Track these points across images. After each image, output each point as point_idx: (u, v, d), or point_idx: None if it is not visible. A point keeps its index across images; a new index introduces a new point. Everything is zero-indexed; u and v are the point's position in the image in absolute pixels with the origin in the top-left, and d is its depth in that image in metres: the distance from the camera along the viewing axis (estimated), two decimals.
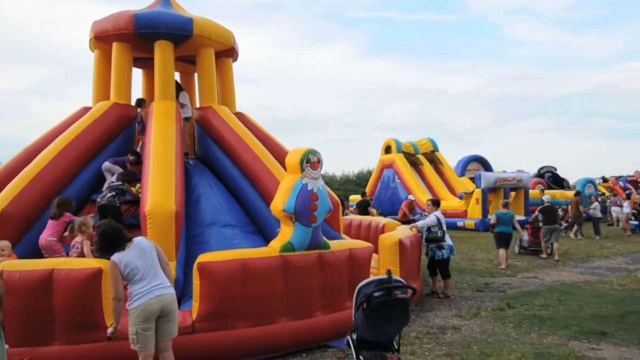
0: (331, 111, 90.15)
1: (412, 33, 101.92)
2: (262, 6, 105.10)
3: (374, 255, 6.78)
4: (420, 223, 8.16)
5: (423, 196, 20.50)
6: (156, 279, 3.99)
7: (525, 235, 12.74)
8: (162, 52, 7.79)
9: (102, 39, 8.02)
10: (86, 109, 8.11)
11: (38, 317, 4.61)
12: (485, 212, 19.02)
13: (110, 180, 7.01)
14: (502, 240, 10.78)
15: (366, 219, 10.17)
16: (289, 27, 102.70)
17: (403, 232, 7.56)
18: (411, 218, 14.89)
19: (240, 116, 8.58)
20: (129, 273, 3.93)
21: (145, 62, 8.75)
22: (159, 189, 6.09)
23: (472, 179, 22.16)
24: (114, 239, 4.00)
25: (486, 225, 18.17)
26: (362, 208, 15.66)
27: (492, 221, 11.05)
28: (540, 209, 12.53)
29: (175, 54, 8.02)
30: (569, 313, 6.69)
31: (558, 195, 22.26)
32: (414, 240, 7.45)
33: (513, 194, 19.47)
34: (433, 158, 23.97)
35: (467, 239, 16.38)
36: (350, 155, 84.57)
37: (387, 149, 23.76)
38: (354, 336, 4.00)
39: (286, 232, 5.46)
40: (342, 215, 9.49)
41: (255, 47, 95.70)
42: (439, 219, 7.90)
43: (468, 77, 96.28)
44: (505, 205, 11.28)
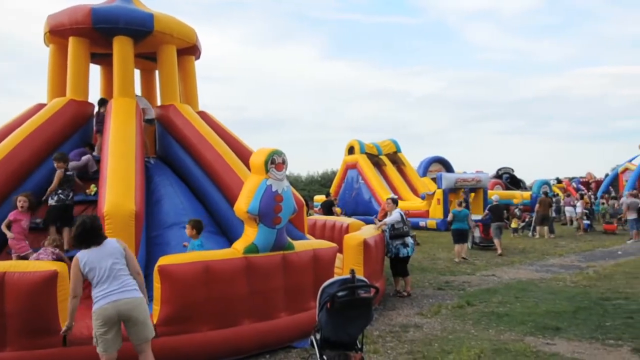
0: (296, 111, 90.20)
1: (376, 35, 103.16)
2: (226, 4, 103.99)
3: (339, 255, 6.82)
4: (387, 220, 8.21)
5: (386, 196, 20.78)
6: (115, 283, 3.86)
7: (477, 232, 13.94)
8: (121, 48, 7.57)
9: (57, 33, 7.73)
10: (40, 106, 7.78)
11: None
12: (446, 212, 19.43)
13: (67, 174, 6.73)
14: (458, 236, 11.81)
15: (330, 219, 10.21)
16: (253, 25, 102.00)
17: (367, 232, 7.63)
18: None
19: (203, 115, 8.45)
20: (88, 273, 3.87)
21: (103, 58, 8.49)
22: (118, 188, 5.92)
23: (433, 179, 22.64)
24: (88, 234, 3.92)
25: (447, 225, 18.65)
26: (327, 208, 15.70)
27: (449, 219, 12.11)
28: (489, 208, 13.78)
29: (135, 50, 7.82)
30: (525, 310, 6.92)
31: (516, 196, 23.04)
32: (378, 240, 7.53)
33: (473, 194, 20.01)
34: (396, 159, 24.32)
35: (429, 238, 16.72)
36: (316, 156, 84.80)
37: (351, 150, 23.95)
38: (318, 336, 4.00)
39: (250, 234, 5.41)
40: (307, 215, 9.51)
41: (220, 46, 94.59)
42: (402, 215, 8.06)
43: (430, 80, 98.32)
44: (460, 204, 12.31)
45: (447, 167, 25.87)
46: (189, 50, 8.65)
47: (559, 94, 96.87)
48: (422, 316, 6.77)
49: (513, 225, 18.68)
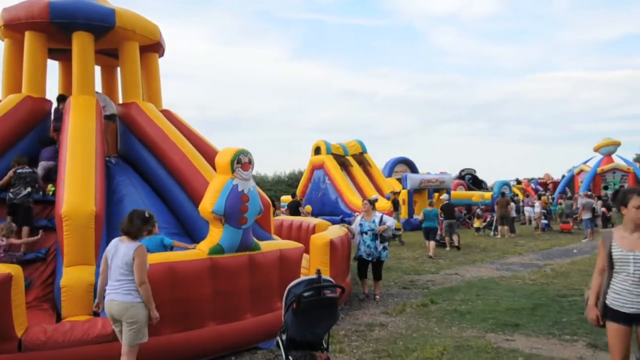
0: (263, 111, 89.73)
1: (342, 36, 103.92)
2: (193, 1, 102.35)
3: (305, 255, 6.81)
4: (390, 223, 7.74)
5: (352, 197, 20.93)
6: (112, 283, 4.00)
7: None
8: (81, 43, 7.32)
9: (13, 27, 7.40)
10: None
11: None
12: (411, 212, 19.77)
13: (19, 171, 6.49)
14: (429, 233, 12.78)
15: (297, 219, 10.21)
16: (220, 24, 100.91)
17: (334, 232, 7.66)
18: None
19: (167, 114, 8.29)
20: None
21: (62, 54, 8.19)
22: (77, 188, 5.73)
23: (399, 180, 22.95)
24: (144, 223, 4.11)
25: (412, 225, 18.95)
26: (293, 209, 15.69)
27: (421, 218, 13.20)
28: (441, 207, 14.35)
29: (96, 46, 7.58)
30: (486, 307, 7.11)
31: (477, 196, 23.62)
32: (344, 240, 7.57)
33: (437, 194, 20.40)
34: (362, 160, 24.51)
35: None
36: (282, 156, 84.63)
37: (317, 150, 23.99)
38: (284, 337, 3.99)
39: (215, 234, 5.34)
40: (273, 215, 9.44)
41: (186, 43, 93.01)
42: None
43: (396, 81, 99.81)
44: (430, 204, 13.76)
45: (412, 168, 26.30)
46: (152, 47, 8.46)
47: (519, 98, 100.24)
48: (388, 315, 6.85)
49: (476, 225, 19.16)
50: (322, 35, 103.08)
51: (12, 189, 6.29)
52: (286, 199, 23.30)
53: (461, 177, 29.75)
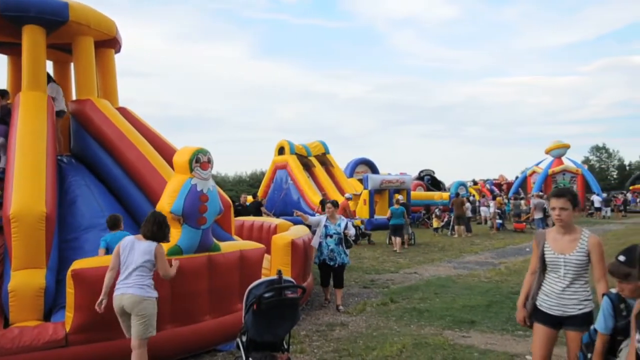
0: (224, 110, 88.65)
1: (304, 37, 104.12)
2: None
3: (266, 256, 6.77)
4: (352, 231, 7.63)
5: (314, 197, 20.96)
6: (125, 277, 4.18)
7: None
8: (32, 37, 7.00)
9: None
10: None
11: None
12: (372, 212, 20.02)
13: None
14: (395, 230, 13.91)
15: (258, 219, 10.13)
16: (181, 21, 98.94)
17: (295, 232, 7.64)
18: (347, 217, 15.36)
19: (124, 111, 8.04)
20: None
21: (11, 48, 7.81)
22: (26, 188, 5.47)
23: (360, 180, 23.19)
24: (163, 227, 4.38)
25: (373, 224, 19.20)
26: (254, 209, 15.57)
27: (388, 216, 14.24)
28: (391, 209, 14.82)
29: (48, 40, 7.26)
30: (443, 305, 7.28)
31: (436, 197, 24.19)
32: (306, 241, 7.57)
33: (397, 195, 20.74)
34: (324, 160, 24.62)
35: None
36: (244, 156, 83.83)
37: (281, 150, 23.92)
38: (244, 338, 3.96)
39: (173, 235, 5.21)
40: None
41: (145, 40, 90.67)
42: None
43: (356, 83, 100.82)
44: (397, 202, 14.78)
45: (373, 169, 26.64)
46: (108, 42, 8.19)
47: (474, 101, 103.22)
48: (348, 314, 6.90)
49: (435, 224, 19.61)
50: (283, 36, 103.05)
51: None
52: (248, 199, 23.08)
53: (420, 177, 30.39)
